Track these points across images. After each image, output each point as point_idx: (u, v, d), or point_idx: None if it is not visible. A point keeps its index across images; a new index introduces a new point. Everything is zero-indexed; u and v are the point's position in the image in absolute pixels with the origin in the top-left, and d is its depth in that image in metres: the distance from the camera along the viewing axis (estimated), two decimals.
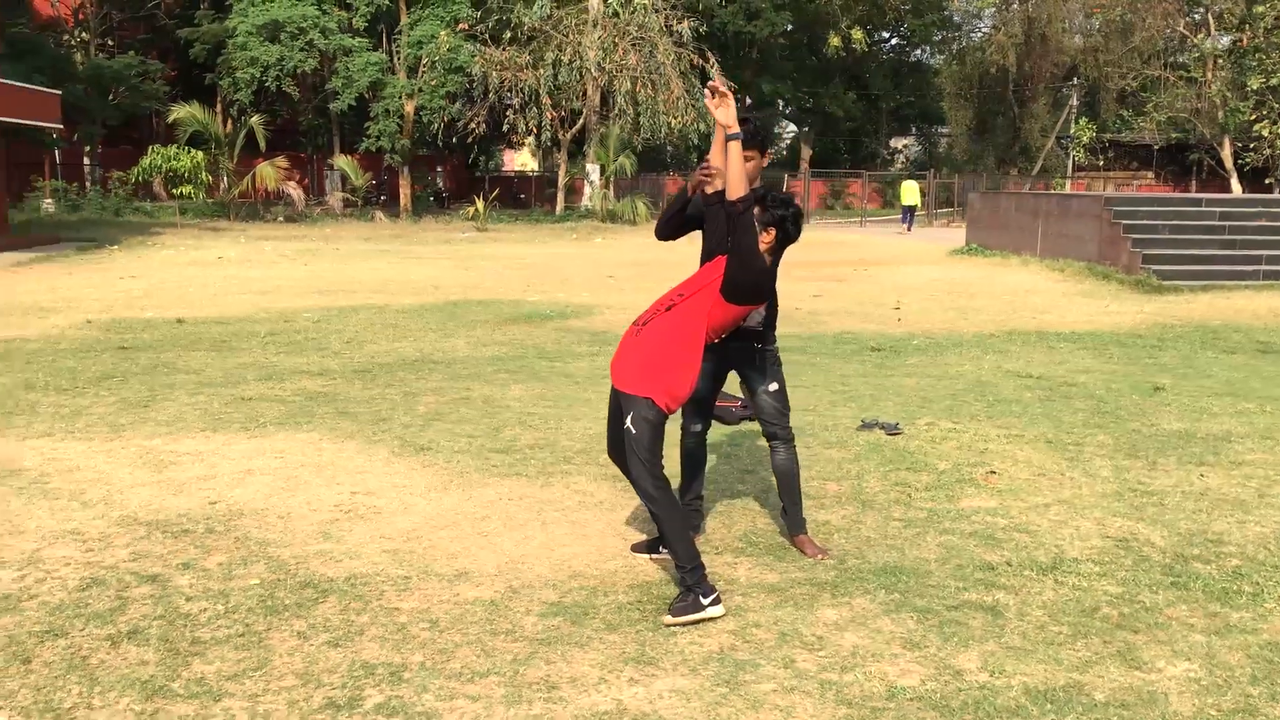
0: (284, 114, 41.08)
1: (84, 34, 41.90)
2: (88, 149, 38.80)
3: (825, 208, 52.51)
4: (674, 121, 35.66)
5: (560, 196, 38.68)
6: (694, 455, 5.22)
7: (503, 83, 34.51)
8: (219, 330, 11.85)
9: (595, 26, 35.66)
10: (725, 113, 4.42)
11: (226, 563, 4.79)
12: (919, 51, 59.24)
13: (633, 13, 35.53)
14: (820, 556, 4.97)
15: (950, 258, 23.20)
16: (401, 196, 38.02)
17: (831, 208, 52.58)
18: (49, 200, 33.31)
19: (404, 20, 36.73)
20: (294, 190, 33.78)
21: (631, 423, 4.32)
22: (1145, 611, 4.43)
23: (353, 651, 3.93)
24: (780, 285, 5.04)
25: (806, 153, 55.48)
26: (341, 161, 35.59)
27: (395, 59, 37.09)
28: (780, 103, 57.24)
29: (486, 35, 35.42)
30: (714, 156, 4.97)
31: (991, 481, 6.31)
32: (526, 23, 34.93)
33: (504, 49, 34.86)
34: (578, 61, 34.85)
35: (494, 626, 4.17)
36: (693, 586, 4.26)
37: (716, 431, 7.36)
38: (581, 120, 37.66)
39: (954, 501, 5.90)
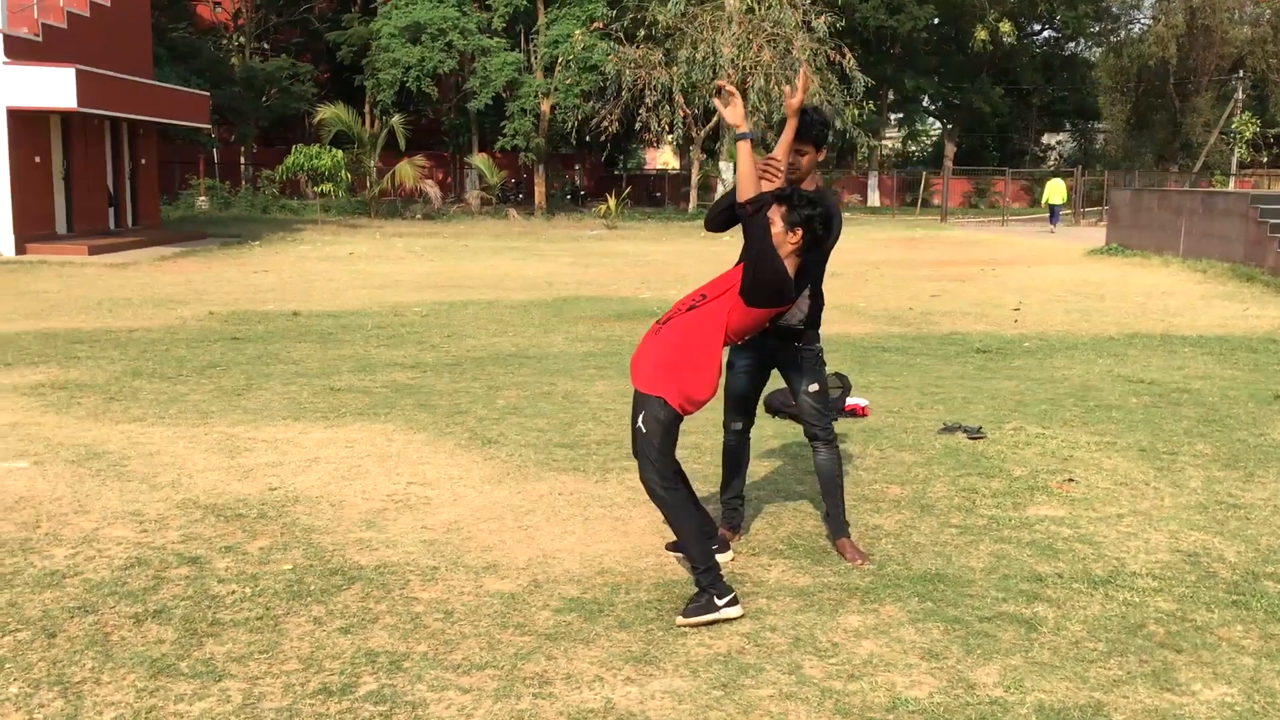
0: (425, 114, 42.10)
1: (241, 38, 43.71)
2: (242, 148, 40.47)
3: (969, 206, 51.29)
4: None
5: (693, 194, 38.66)
6: (734, 454, 5.13)
7: (636, 81, 34.64)
8: (329, 323, 12.18)
9: (730, 23, 35.51)
10: (733, 112, 4.31)
11: (268, 547, 4.90)
12: (1072, 44, 57.30)
13: (768, 9, 35.26)
14: (860, 563, 4.82)
15: (1087, 258, 22.37)
16: (536, 194, 38.54)
17: (975, 206, 51.32)
18: (203, 198, 34.82)
19: (541, 20, 37.21)
20: (431, 188, 34.56)
21: (643, 421, 4.26)
22: (1195, 630, 4.17)
23: (361, 639, 3.97)
24: (900, 285, 4.97)
25: (950, 149, 54.24)
26: (477, 160, 36.27)
27: (532, 58, 37.63)
28: (925, 99, 56.13)
29: (621, 33, 35.62)
30: (779, 152, 4.88)
31: (1067, 489, 6.03)
32: (661, 20, 34.98)
33: (638, 47, 34.99)
34: (711, 59, 34.74)
35: (506, 620, 4.16)
36: (707, 587, 4.18)
37: (789, 432, 7.24)
38: (716, 118, 37.53)
39: (1020, 509, 5.66)
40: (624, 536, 5.16)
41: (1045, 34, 57.08)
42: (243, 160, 41.68)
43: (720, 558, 4.82)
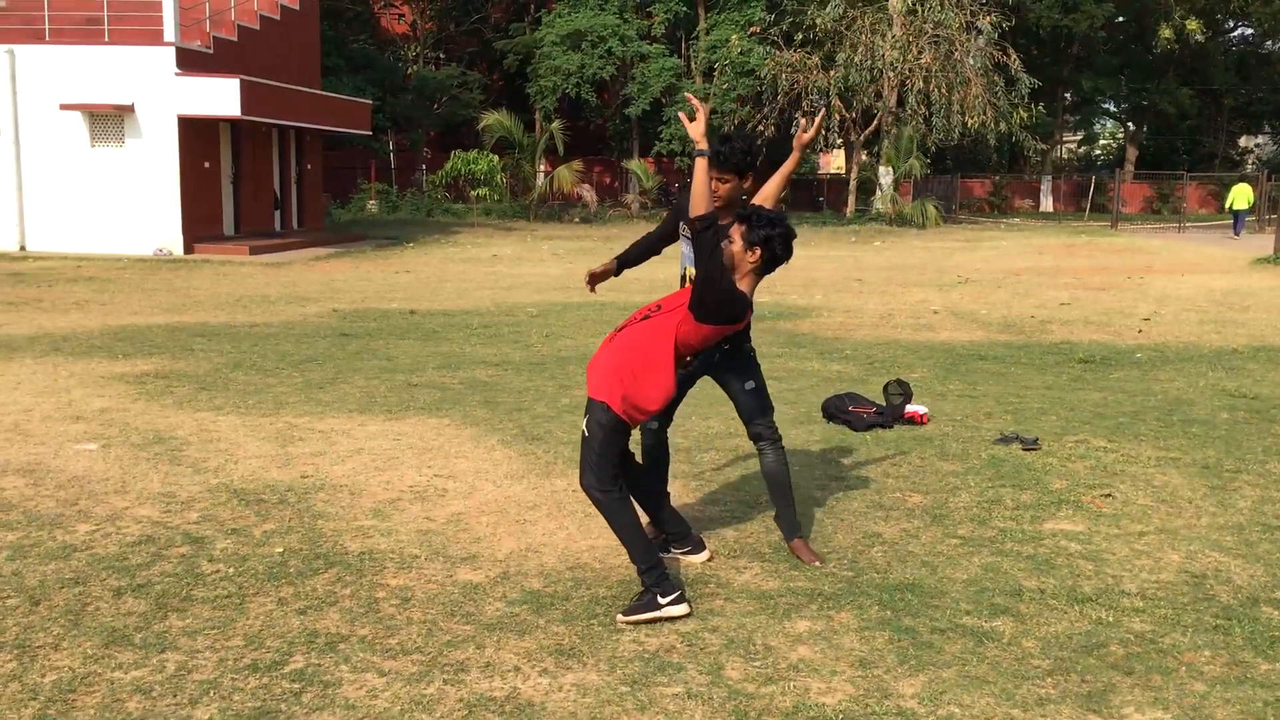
0: (591, 120, 42.81)
1: (419, 48, 45.35)
2: (417, 154, 41.97)
3: (1151, 212, 49.00)
4: (971, 122, 34.40)
5: (851, 199, 38.18)
6: (652, 454, 5.12)
7: (792, 85, 34.44)
8: (440, 321, 12.58)
9: (891, 25, 34.94)
10: (695, 128, 4.31)
11: (271, 531, 5.16)
12: (1270, 42, 54.05)
13: (931, 10, 34.54)
14: (814, 563, 4.79)
15: (1251, 268, 21.17)
16: None
17: (1158, 212, 48.99)
18: (373, 201, 36.26)
19: (701, 25, 37.39)
20: (588, 192, 35.11)
21: (586, 425, 4.32)
22: (1157, 653, 3.98)
23: (312, 620, 4.15)
24: (1033, 292, 5.00)
25: (1132, 153, 51.98)
26: (633, 165, 36.67)
27: (691, 64, 37.83)
28: (1109, 101, 53.92)
29: (779, 38, 35.46)
30: (772, 182, 4.94)
31: (1099, 505, 5.80)
32: (819, 24, 34.68)
33: (795, 51, 34.78)
34: (869, 61, 34.25)
35: (457, 609, 4.28)
36: (651, 585, 4.21)
37: (835, 437, 7.17)
38: (875, 122, 37.01)
39: (1037, 523, 5.48)
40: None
41: (1239, 31, 54.06)
42: (421, 165, 43.21)
43: (695, 558, 4.85)
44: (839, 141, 40.98)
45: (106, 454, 6.46)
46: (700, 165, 4.26)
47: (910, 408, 7.73)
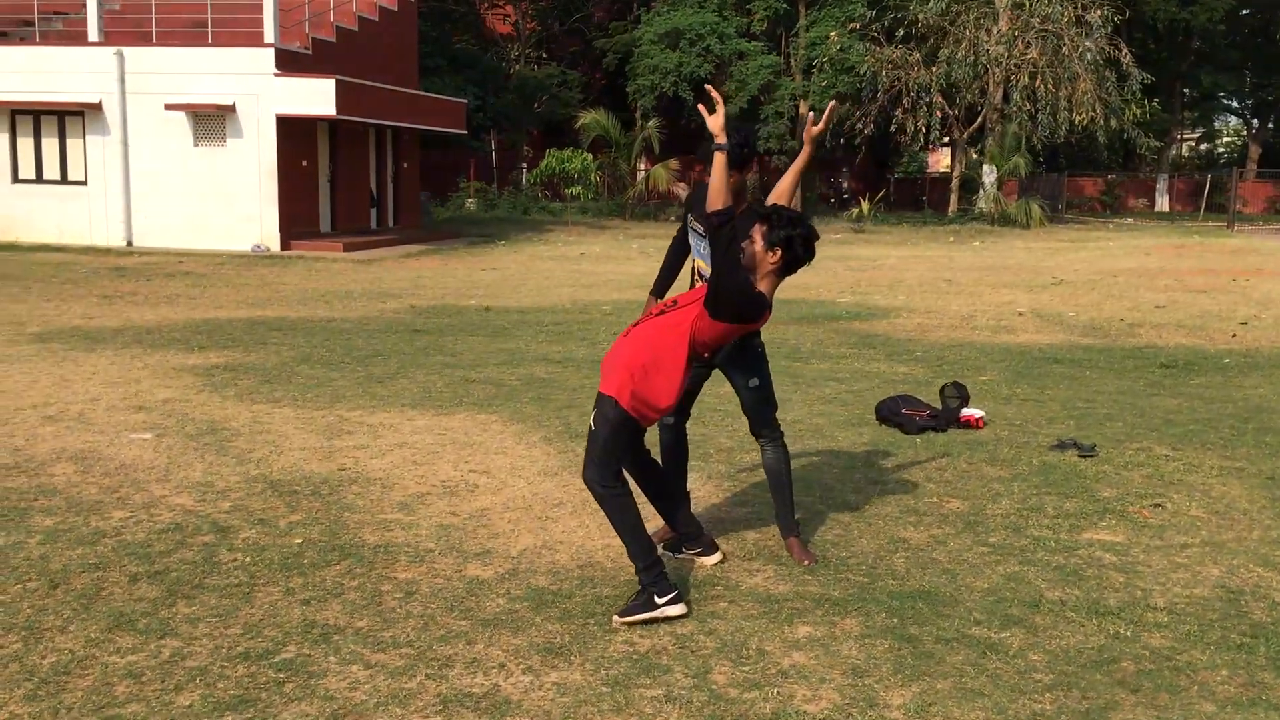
0: (693, 118, 42.71)
1: (521, 48, 45.81)
2: (517, 152, 42.40)
3: (1274, 212, 47.12)
4: (1079, 118, 33.49)
5: (953, 198, 37.48)
6: (671, 451, 5.06)
7: (893, 82, 33.92)
8: (512, 318, 12.67)
9: (996, 20, 34.19)
10: (714, 121, 4.25)
11: (297, 522, 5.23)
12: None
13: (1038, 4, 33.70)
14: (807, 563, 4.73)
15: None
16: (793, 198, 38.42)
17: None
18: (472, 199, 36.74)
19: (801, 21, 37.06)
20: (683, 191, 35.04)
21: (594, 419, 4.28)
22: (1172, 670, 3.80)
23: (314, 611, 4.20)
24: (1127, 294, 4.92)
25: (1255, 151, 50.06)
26: None
27: (792, 61, 37.53)
28: (1230, 98, 52.07)
29: (880, 34, 34.97)
30: (787, 177, 4.85)
31: (1146, 515, 5.58)
32: (921, 19, 34.09)
33: (896, 47, 34.25)
34: (972, 57, 33.55)
35: (457, 604, 4.29)
36: (648, 585, 4.17)
37: (884, 439, 7.03)
38: (980, 118, 36.26)
39: (1075, 533, 5.29)
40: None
41: None
42: (521, 164, 43.65)
43: (707, 560, 4.79)
44: (945, 140, 40.27)
45: (159, 443, 6.63)
46: (719, 160, 4.20)
47: (966, 411, 7.54)
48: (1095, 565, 4.84)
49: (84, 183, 22.21)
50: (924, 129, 34.36)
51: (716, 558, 4.79)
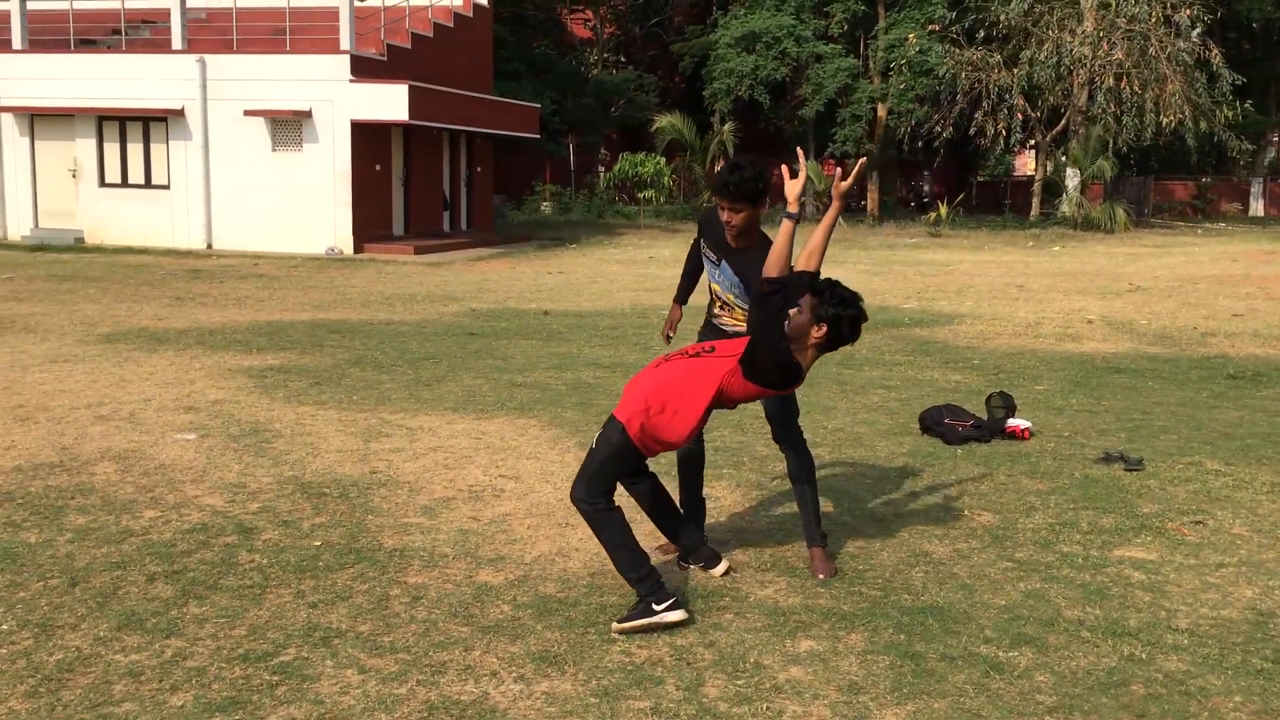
0: (772, 121, 42.55)
1: (599, 52, 46.02)
2: (595, 156, 42.61)
3: None
4: (1166, 120, 32.63)
5: (1035, 202, 36.75)
6: (687, 455, 5.02)
7: (973, 84, 33.38)
8: (569, 322, 12.71)
9: (1081, 20, 33.47)
10: (791, 188, 4.25)
11: (320, 524, 5.29)
12: None
13: (1124, 3, 32.92)
14: (822, 575, 4.69)
15: None
16: (869, 201, 38.03)
17: None
18: (547, 203, 36.96)
19: (881, 23, 36.67)
20: None
21: (597, 438, 4.30)
22: (1183, 695, 3.67)
23: (319, 614, 4.24)
24: (1205, 303, 4.86)
25: None
26: (806, 167, 36.19)
27: (870, 63, 37.16)
28: None
29: (960, 35, 34.45)
30: (818, 232, 4.74)
31: (1184, 532, 5.40)
32: (1003, 19, 33.49)
33: (976, 49, 33.70)
34: (1055, 58, 32.87)
35: (462, 610, 4.30)
36: (644, 595, 4.14)
37: (924, 449, 6.92)
38: (1064, 121, 35.53)
39: (1107, 550, 5.14)
40: (654, 539, 5.15)
41: None
42: (598, 168, 43.84)
43: (715, 571, 4.75)
44: (1032, 144, 39.55)
45: (200, 444, 6.76)
46: (786, 228, 4.13)
47: (1012, 422, 7.38)
48: (1122, 584, 4.70)
49: (167, 187, 22.77)
50: (1004, 132, 33.74)
51: (723, 568, 4.74)
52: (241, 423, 7.34)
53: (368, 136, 22.22)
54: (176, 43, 22.61)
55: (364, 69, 21.82)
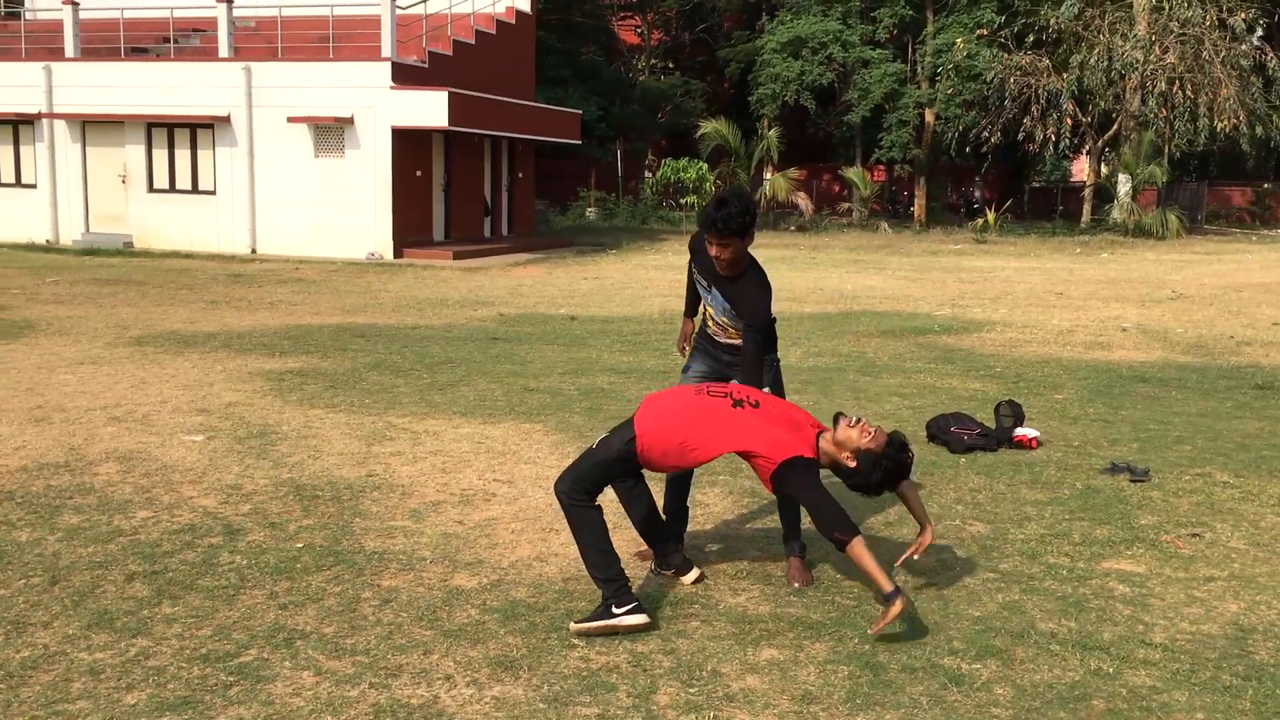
0: (819, 126, 42.37)
1: (647, 58, 46.12)
2: (644, 161, 42.69)
3: None
4: (1221, 125, 32.07)
5: (1086, 208, 36.28)
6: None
7: (1021, 89, 33.00)
8: (595, 328, 12.73)
9: (1133, 24, 32.98)
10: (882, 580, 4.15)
11: (306, 527, 5.34)
12: None
13: (1176, 7, 32.40)
14: (798, 584, 4.68)
15: None
16: (916, 207, 37.73)
17: None
18: (592, 208, 37.07)
19: (928, 28, 36.40)
20: (802, 200, 34.74)
21: (600, 440, 4.38)
22: (1144, 711, 3.60)
23: (288, 616, 4.27)
24: (1245, 311, 4.87)
25: None
26: (851, 173, 36.01)
27: (918, 68, 36.89)
28: None
29: (1009, 40, 34.08)
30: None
31: (1178, 545, 5.30)
32: (1053, 24, 33.10)
33: (1025, 53, 33.32)
34: (1105, 62, 32.42)
35: (429, 614, 4.31)
36: (608, 596, 4.15)
37: (922, 457, 6.83)
38: (1115, 126, 35.02)
39: (1095, 562, 5.05)
40: (634, 546, 5.14)
41: None
42: (644, 173, 43.92)
43: (685, 579, 4.73)
44: (1086, 149, 39.04)
45: (206, 446, 6.85)
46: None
47: (1019, 431, 7.28)
48: (1103, 597, 4.62)
49: (213, 192, 23.12)
50: (1053, 137, 33.32)
51: (694, 576, 4.72)
52: (250, 425, 7.43)
53: (408, 142, 22.43)
54: (223, 50, 22.96)
55: (405, 76, 22.02)
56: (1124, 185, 34.24)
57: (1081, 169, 55.32)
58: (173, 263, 20.77)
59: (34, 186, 24.21)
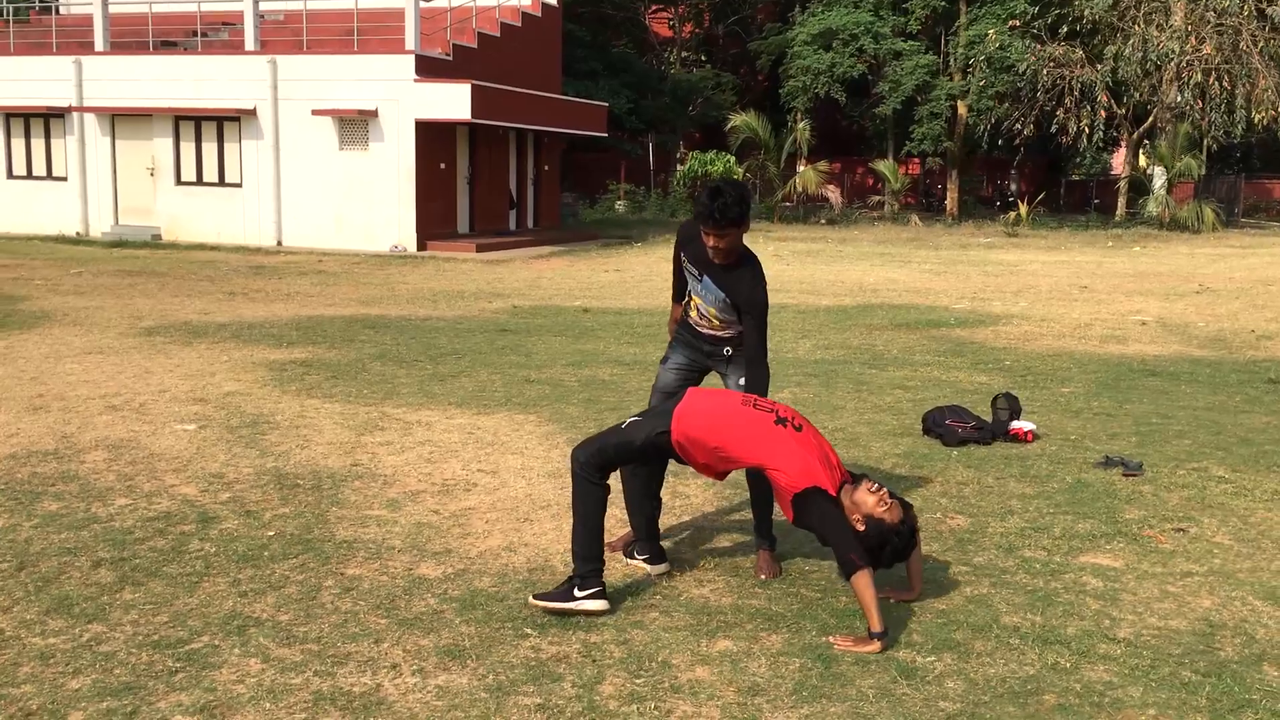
0: (852, 118, 42.10)
1: (679, 51, 45.99)
2: (675, 154, 42.57)
3: None
4: (1258, 116, 31.57)
5: (1121, 201, 35.82)
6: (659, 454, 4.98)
7: (1055, 81, 32.62)
8: (606, 320, 12.70)
9: (1169, 14, 32.50)
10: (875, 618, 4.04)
11: (281, 515, 5.35)
12: None
13: None
14: (764, 576, 4.64)
15: None
16: (949, 200, 37.40)
17: None
18: (622, 201, 37.03)
19: (961, 19, 36.04)
20: (832, 193, 34.53)
21: (632, 421, 4.36)
22: (1093, 707, 3.53)
23: (246, 603, 4.28)
24: (1276, 303, 4.63)
25: None
26: (882, 165, 35.72)
27: (951, 60, 36.55)
28: None
29: (1043, 31, 33.68)
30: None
31: (1161, 540, 5.21)
32: (1087, 14, 32.68)
33: (1059, 44, 32.92)
34: (1140, 53, 31.97)
35: (388, 603, 4.31)
36: (575, 574, 4.16)
37: (914, 450, 6.76)
38: (1151, 118, 34.55)
39: (1072, 556, 4.97)
40: (608, 535, 5.11)
41: None
42: (675, 166, 43.82)
43: (654, 569, 4.70)
44: (1122, 141, 38.55)
45: (197, 434, 6.89)
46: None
47: (1015, 424, 7.18)
48: (1075, 591, 4.54)
49: (239, 185, 23.29)
50: (1087, 129, 32.91)
51: (663, 568, 4.69)
52: (244, 414, 7.46)
53: (433, 135, 22.48)
54: (249, 44, 23.11)
55: (429, 69, 22.07)
56: (1159, 178, 33.79)
57: (1121, 162, 54.66)
58: (198, 255, 20.95)
59: (65, 179, 24.49)
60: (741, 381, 4.84)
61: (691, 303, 5.07)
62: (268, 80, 22.51)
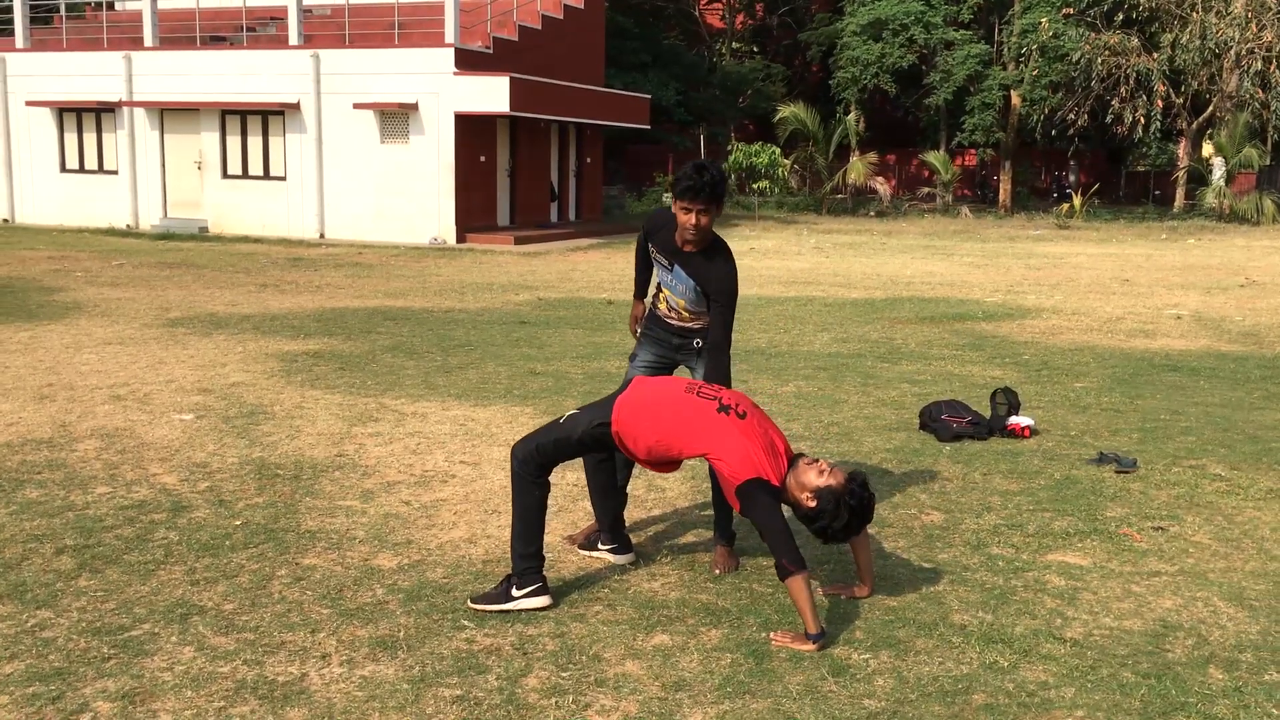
0: (905, 109, 41.67)
1: (729, 42, 45.82)
2: (727, 146, 42.46)
3: None
4: None
5: (1179, 192, 35.09)
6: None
7: (1110, 70, 32.01)
8: (629, 312, 12.67)
9: (1229, 1, 31.75)
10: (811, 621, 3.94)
11: (253, 505, 5.40)
12: None
13: None
14: (718, 571, 4.62)
15: None
16: (1001, 192, 36.90)
17: None
18: (668, 193, 36.91)
19: (1016, 8, 35.50)
20: (880, 185, 34.20)
21: (571, 415, 4.32)
22: (1020, 708, 3.46)
23: (196, 592, 4.32)
24: None
25: None
26: (932, 156, 35.31)
27: (1003, 49, 36.03)
28: None
29: (1098, 19, 33.06)
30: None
31: (1136, 539, 5.09)
32: (1143, 2, 32.02)
33: (1114, 32, 32.30)
34: (1197, 42, 31.27)
35: (335, 593, 4.32)
36: (514, 573, 4.15)
37: (904, 445, 6.67)
38: (1210, 108, 33.80)
39: (1041, 554, 4.87)
40: (571, 528, 5.10)
41: None
42: (725, 158, 43.63)
43: (619, 559, 4.68)
44: (1179, 131, 37.77)
45: (192, 424, 6.97)
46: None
47: (1013, 419, 7.06)
48: (1033, 589, 4.45)
49: (283, 178, 23.58)
50: (1143, 119, 32.26)
51: (627, 558, 4.67)
52: (244, 404, 7.54)
53: (473, 128, 22.59)
54: (293, 38, 23.37)
55: (469, 62, 22.17)
56: (1218, 169, 33.06)
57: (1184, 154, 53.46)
58: (241, 247, 21.24)
59: (115, 173, 24.95)
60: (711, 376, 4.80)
61: (660, 295, 5.04)
62: (311, 74, 22.75)
